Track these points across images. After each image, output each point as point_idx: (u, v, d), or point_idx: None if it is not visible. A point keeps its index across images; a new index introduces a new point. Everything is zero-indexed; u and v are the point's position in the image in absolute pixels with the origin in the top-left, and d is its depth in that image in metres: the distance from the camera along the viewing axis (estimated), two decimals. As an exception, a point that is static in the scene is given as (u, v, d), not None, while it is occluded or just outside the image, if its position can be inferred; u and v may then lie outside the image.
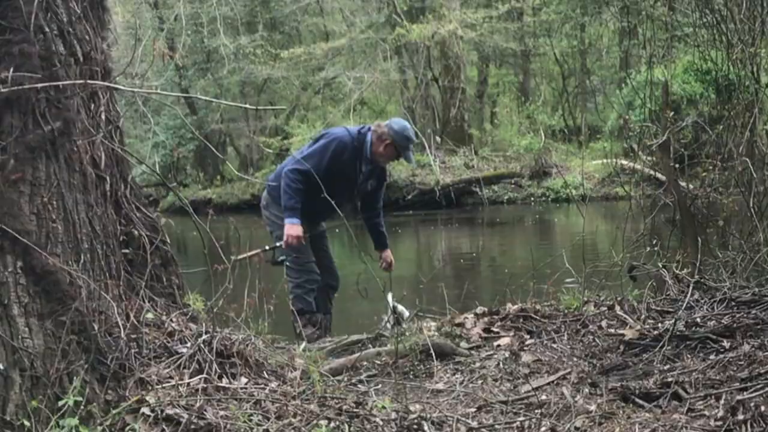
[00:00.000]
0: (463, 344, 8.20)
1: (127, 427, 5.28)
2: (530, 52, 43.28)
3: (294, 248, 9.62)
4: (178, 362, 5.92)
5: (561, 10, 36.14)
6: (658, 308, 8.86)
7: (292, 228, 9.50)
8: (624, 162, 16.88)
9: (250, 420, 5.46)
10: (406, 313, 9.54)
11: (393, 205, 32.39)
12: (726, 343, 7.51)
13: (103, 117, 6.15)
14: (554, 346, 8.09)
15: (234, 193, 36.20)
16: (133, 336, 5.84)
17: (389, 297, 9.46)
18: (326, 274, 10.17)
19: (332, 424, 5.46)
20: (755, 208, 10.07)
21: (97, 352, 5.43)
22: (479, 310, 9.23)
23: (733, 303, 8.59)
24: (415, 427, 5.75)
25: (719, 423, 5.68)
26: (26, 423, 5.03)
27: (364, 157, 9.74)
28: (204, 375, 5.86)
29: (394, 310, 9.47)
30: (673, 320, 8.09)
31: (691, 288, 9.01)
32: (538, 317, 8.84)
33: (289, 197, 9.53)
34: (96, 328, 5.45)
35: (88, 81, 5.80)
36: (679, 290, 9.26)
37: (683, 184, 11.43)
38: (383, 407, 5.96)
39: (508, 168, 34.52)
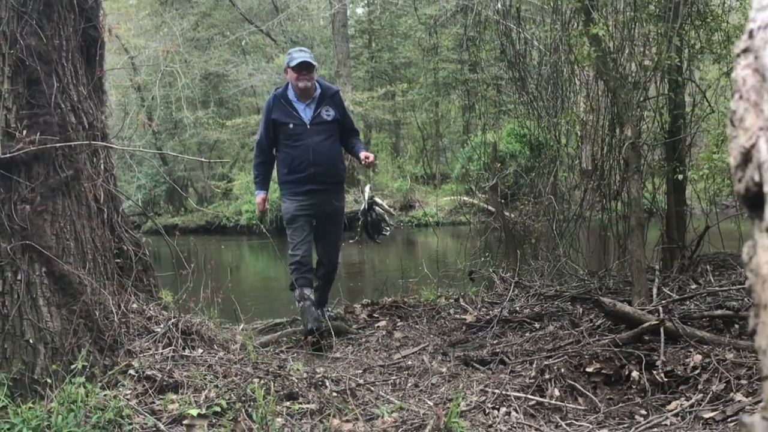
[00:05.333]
0: (354, 326, 8.27)
1: (119, 384, 5.30)
2: (400, 122, 43.43)
3: (287, 225, 7.89)
4: (154, 338, 5.94)
5: (422, 92, 36.32)
6: (490, 300, 8.98)
7: (256, 199, 8.14)
8: (466, 198, 17.08)
9: (205, 378, 5.48)
10: (384, 207, 8.85)
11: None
12: (537, 325, 7.68)
13: (102, 167, 6.15)
14: (417, 327, 8.16)
15: (194, 220, 35.56)
16: (123, 320, 5.83)
17: (367, 188, 8.97)
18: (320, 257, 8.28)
19: (262, 381, 5.50)
20: (557, 231, 10.32)
21: (97, 331, 5.44)
22: (364, 301, 9.28)
23: (542, 297, 8.76)
24: (320, 383, 5.82)
25: (532, 380, 5.85)
26: (48, 381, 5.05)
27: (290, 97, 7.82)
28: (172, 347, 5.87)
29: (372, 203, 8.62)
30: (500, 309, 8.26)
31: (512, 286, 9.17)
32: (405, 307, 8.91)
33: (254, 173, 8.15)
34: (97, 314, 5.46)
35: (92, 142, 5.82)
36: (504, 288, 9.40)
37: (507, 213, 11.65)
38: (298, 369, 6.02)
39: (384, 203, 34.59)
